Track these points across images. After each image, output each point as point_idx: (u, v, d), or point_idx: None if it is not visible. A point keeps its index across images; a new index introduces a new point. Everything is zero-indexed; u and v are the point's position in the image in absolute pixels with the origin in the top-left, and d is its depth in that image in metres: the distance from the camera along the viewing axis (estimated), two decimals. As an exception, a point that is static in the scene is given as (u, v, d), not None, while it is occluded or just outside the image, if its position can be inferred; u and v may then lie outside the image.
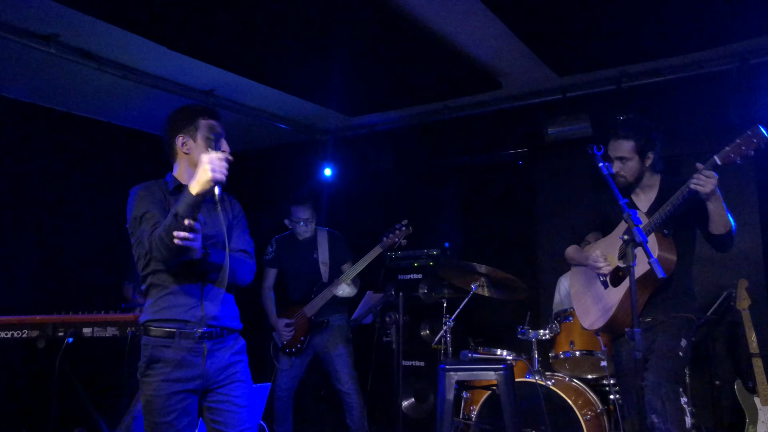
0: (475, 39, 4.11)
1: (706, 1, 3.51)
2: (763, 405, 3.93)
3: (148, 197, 2.44)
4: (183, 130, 2.51)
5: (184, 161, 2.53)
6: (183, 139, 2.50)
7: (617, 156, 3.11)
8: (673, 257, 2.96)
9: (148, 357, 2.35)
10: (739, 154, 2.71)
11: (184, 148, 2.50)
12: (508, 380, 3.51)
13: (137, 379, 2.38)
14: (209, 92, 4.85)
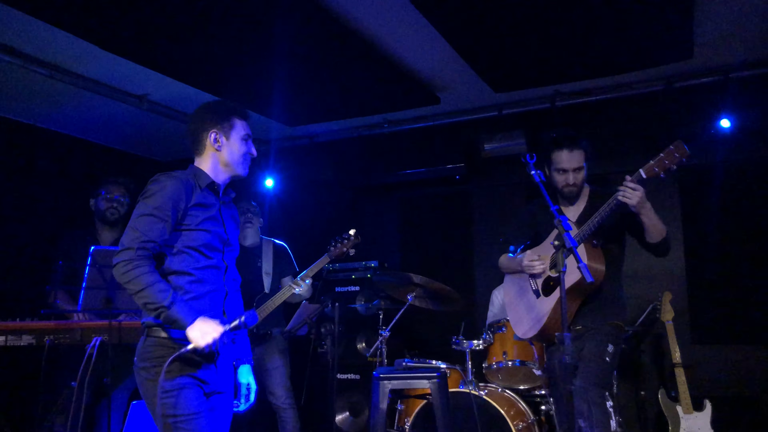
0: (415, 53, 4.16)
1: (632, 25, 3.68)
2: (684, 413, 4.07)
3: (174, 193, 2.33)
4: (216, 126, 2.48)
5: (212, 157, 2.50)
6: (216, 135, 2.48)
7: (574, 167, 3.20)
8: (601, 267, 3.04)
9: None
10: (663, 168, 2.82)
11: (215, 144, 2.47)
12: (441, 388, 3.50)
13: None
14: (142, 97, 4.71)
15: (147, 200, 2.32)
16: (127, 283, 2.21)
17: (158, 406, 2.21)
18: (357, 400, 5.07)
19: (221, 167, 2.51)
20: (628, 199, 2.85)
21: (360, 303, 4.91)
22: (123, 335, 3.23)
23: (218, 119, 2.49)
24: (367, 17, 3.66)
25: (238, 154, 2.52)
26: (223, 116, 2.49)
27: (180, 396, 2.24)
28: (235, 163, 2.52)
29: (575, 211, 3.28)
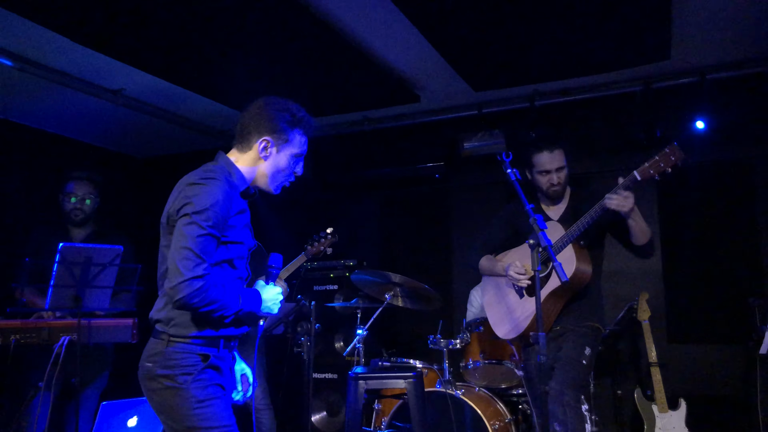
0: (395, 51, 4.13)
1: (609, 26, 3.68)
2: (660, 412, 4.09)
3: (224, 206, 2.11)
4: (273, 134, 2.24)
5: (253, 162, 2.26)
6: (266, 144, 2.24)
7: (557, 167, 3.19)
8: (589, 269, 3.05)
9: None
10: (658, 170, 2.81)
11: (262, 153, 2.24)
12: (417, 388, 3.48)
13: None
14: (118, 91, 4.63)
15: (200, 215, 2.05)
16: (204, 311, 2.04)
17: (187, 417, 2.04)
18: (334, 400, 5.04)
19: (258, 176, 2.28)
20: (622, 207, 2.84)
21: (338, 302, 4.87)
22: (92, 334, 3.17)
23: (277, 127, 2.24)
24: (347, 14, 3.63)
25: (281, 172, 2.29)
26: (284, 125, 2.25)
27: (213, 407, 2.09)
28: (272, 179, 2.30)
29: (557, 211, 3.27)
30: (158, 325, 2.16)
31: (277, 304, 2.25)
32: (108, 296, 3.32)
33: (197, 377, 2.09)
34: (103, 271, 3.18)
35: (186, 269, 1.99)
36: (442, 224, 5.59)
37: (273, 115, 2.26)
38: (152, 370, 2.09)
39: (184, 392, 2.06)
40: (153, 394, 2.10)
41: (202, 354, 2.12)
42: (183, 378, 2.07)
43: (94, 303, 3.27)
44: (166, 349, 2.10)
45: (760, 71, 4.30)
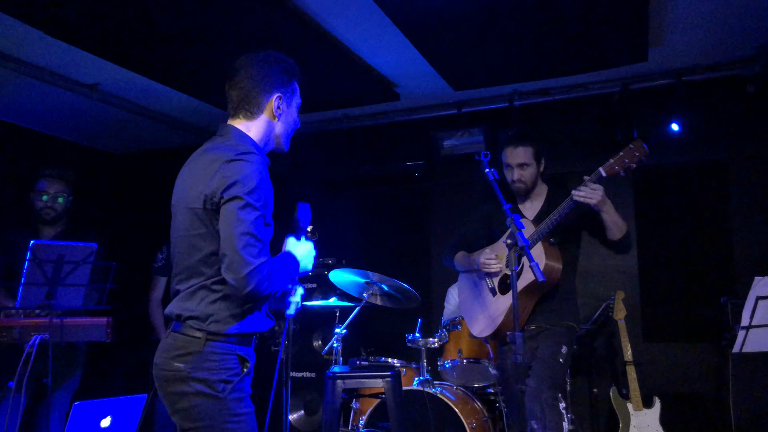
0: (376, 48, 4.12)
1: (588, 28, 3.71)
2: (635, 410, 4.13)
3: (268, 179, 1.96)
4: (283, 89, 2.11)
5: (267, 124, 2.09)
6: (279, 101, 2.09)
7: (518, 163, 3.21)
8: (559, 265, 3.05)
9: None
10: (623, 166, 2.84)
11: (277, 111, 2.09)
12: (395, 387, 3.48)
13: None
14: (93, 86, 4.56)
15: (252, 196, 1.88)
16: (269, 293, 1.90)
17: (219, 430, 1.88)
18: (312, 399, 5.01)
19: (273, 138, 2.13)
20: (589, 199, 2.86)
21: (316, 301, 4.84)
22: (65, 333, 3.11)
23: (284, 79, 2.11)
24: (326, 11, 3.61)
25: (292, 126, 2.19)
26: (288, 76, 2.13)
27: (247, 423, 1.93)
28: (285, 137, 2.18)
29: (533, 210, 3.29)
30: (191, 321, 1.94)
31: (311, 259, 2.14)
32: (81, 294, 3.27)
33: (237, 386, 1.93)
34: (76, 269, 3.12)
35: (252, 257, 1.83)
36: (421, 222, 5.59)
37: (274, 68, 2.12)
38: (184, 371, 1.89)
39: (221, 403, 1.89)
40: (181, 399, 1.90)
41: (240, 356, 1.96)
42: (222, 386, 1.90)
43: (67, 301, 3.21)
44: (203, 348, 1.90)
45: (734, 74, 4.37)
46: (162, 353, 1.97)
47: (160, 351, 1.99)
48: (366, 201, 5.80)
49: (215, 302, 1.94)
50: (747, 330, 2.85)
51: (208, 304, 1.94)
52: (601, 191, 2.86)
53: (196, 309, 1.94)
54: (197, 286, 1.96)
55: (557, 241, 3.13)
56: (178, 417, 1.94)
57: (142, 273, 4.85)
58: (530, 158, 3.24)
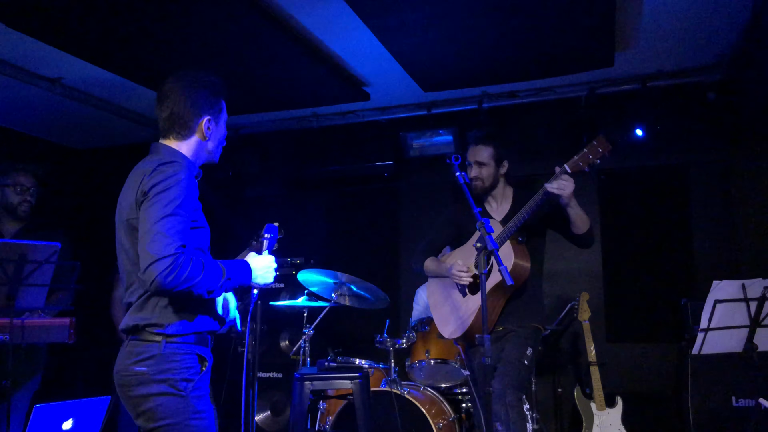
0: (346, 48, 4.11)
1: (556, 33, 3.77)
2: (598, 410, 4.21)
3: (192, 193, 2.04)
4: (211, 110, 2.20)
5: (197, 143, 2.19)
6: (208, 123, 2.19)
7: (476, 161, 3.23)
8: (527, 264, 3.09)
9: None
10: (587, 162, 2.89)
11: (207, 132, 2.19)
12: (363, 389, 3.48)
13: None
14: (56, 80, 4.45)
15: (165, 194, 1.96)
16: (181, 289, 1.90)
17: (184, 427, 1.95)
18: (278, 399, 4.99)
19: (204, 153, 2.24)
20: (562, 190, 2.88)
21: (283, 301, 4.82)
22: (26, 335, 3.04)
23: (214, 102, 2.20)
24: (297, 9, 3.59)
25: (221, 141, 2.29)
26: (216, 98, 2.22)
27: (209, 419, 2.03)
28: (215, 151, 2.29)
29: (500, 212, 3.31)
30: (149, 327, 2.01)
31: (272, 272, 2.21)
32: (43, 295, 3.19)
33: (197, 384, 2.01)
34: (39, 268, 3.05)
35: (154, 251, 1.87)
36: (390, 223, 5.60)
37: (202, 93, 2.18)
38: (147, 374, 1.96)
39: (184, 400, 1.97)
40: (144, 400, 1.97)
41: (199, 355, 2.05)
42: (184, 384, 1.99)
43: (29, 302, 3.13)
44: (163, 350, 1.98)
45: (696, 81, 4.48)
46: (122, 360, 2.04)
47: (120, 359, 2.05)
48: (335, 200, 5.79)
49: (167, 306, 2.03)
50: (705, 332, 2.93)
51: (162, 308, 2.02)
52: (572, 184, 2.90)
53: (152, 316, 2.02)
54: (147, 295, 2.03)
55: (525, 239, 3.16)
56: (142, 419, 2.00)
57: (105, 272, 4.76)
58: (488, 158, 3.26)
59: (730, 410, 3.87)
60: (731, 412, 3.86)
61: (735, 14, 3.66)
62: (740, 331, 2.96)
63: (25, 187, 3.71)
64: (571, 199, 2.95)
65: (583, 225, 3.07)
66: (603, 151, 2.86)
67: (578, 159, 2.90)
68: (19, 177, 3.72)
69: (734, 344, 2.99)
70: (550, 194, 2.91)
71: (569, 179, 2.90)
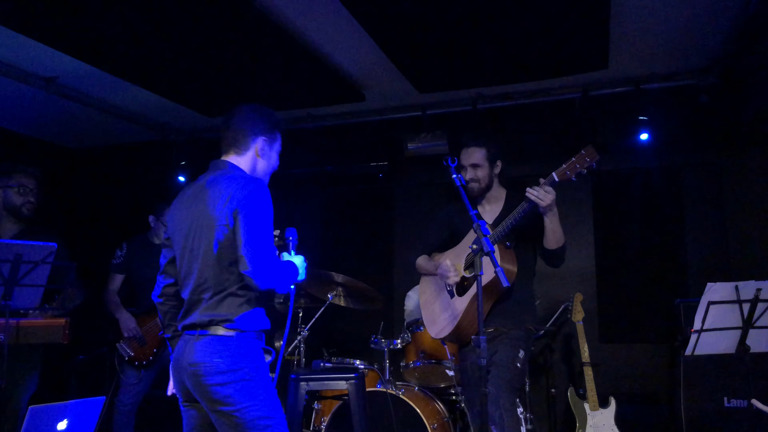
0: (342, 49, 4.12)
1: (551, 35, 3.79)
2: (591, 410, 4.24)
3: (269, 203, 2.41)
4: (266, 134, 2.53)
5: (252, 161, 2.52)
6: (263, 143, 2.52)
7: (471, 163, 3.25)
8: (514, 268, 3.10)
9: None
10: (574, 171, 2.90)
11: (261, 151, 2.52)
12: (359, 389, 3.49)
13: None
14: (51, 79, 4.44)
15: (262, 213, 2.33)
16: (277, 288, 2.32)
17: (256, 408, 2.24)
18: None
19: (256, 172, 2.54)
20: (541, 200, 2.90)
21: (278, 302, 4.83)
22: (21, 335, 3.03)
23: (269, 128, 2.54)
24: (293, 11, 3.59)
25: (270, 168, 2.61)
26: (273, 126, 2.56)
27: (275, 398, 2.32)
28: (265, 175, 2.59)
29: (492, 214, 3.33)
30: (223, 323, 2.30)
31: (304, 269, 2.55)
32: (39, 295, 3.18)
33: (264, 371, 2.32)
34: (35, 269, 3.04)
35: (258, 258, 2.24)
36: (385, 224, 5.62)
37: (264, 116, 2.54)
38: (223, 364, 2.24)
39: (254, 384, 2.26)
40: (223, 388, 2.23)
41: (264, 348, 2.39)
42: (255, 372, 2.28)
43: (24, 302, 3.12)
44: (237, 344, 2.28)
45: (689, 83, 4.51)
46: (195, 352, 2.28)
47: (191, 350, 2.30)
48: (329, 201, 5.79)
49: (240, 305, 2.33)
50: (699, 334, 2.96)
51: (236, 307, 2.32)
52: (552, 195, 2.92)
53: (227, 313, 2.31)
54: (224, 294, 2.32)
55: (513, 244, 3.18)
56: (218, 404, 2.25)
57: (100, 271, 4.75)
58: (482, 159, 3.28)
59: (722, 410, 3.91)
60: (723, 413, 3.90)
61: (728, 18, 3.70)
62: (733, 332, 3.00)
63: (28, 188, 3.71)
64: (550, 211, 2.97)
65: (555, 241, 3.06)
66: (591, 161, 2.88)
67: (566, 167, 2.92)
68: (22, 178, 3.72)
69: (727, 345, 3.02)
70: (533, 202, 2.93)
71: (549, 190, 2.91)
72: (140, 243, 4.37)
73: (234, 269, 2.30)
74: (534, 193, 2.90)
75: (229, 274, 2.32)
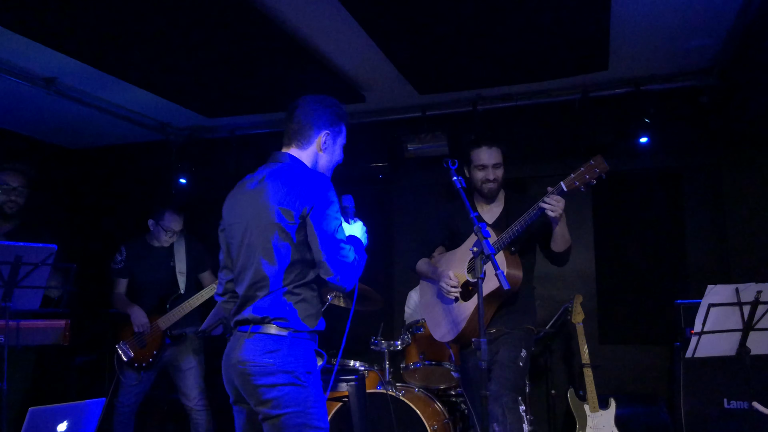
0: (342, 50, 4.11)
1: (551, 36, 3.79)
2: (591, 412, 4.23)
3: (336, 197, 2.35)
4: (330, 127, 2.43)
5: (314, 155, 2.44)
6: (326, 137, 2.43)
7: (494, 163, 3.25)
8: (519, 273, 3.11)
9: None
10: (583, 182, 2.90)
11: (323, 145, 2.42)
12: (359, 392, 3.49)
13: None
14: (51, 80, 4.43)
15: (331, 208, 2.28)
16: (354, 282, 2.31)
17: (301, 415, 2.16)
18: (273, 400, 4.98)
19: (318, 168, 2.45)
20: (553, 211, 2.91)
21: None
22: (21, 337, 3.03)
23: (334, 120, 2.44)
24: (293, 12, 3.58)
25: (333, 162, 2.52)
26: (338, 119, 2.46)
27: (323, 405, 2.24)
28: (327, 169, 2.49)
29: (492, 215, 3.33)
30: (276, 321, 2.22)
31: (365, 233, 2.52)
32: (39, 297, 3.18)
33: (316, 376, 2.23)
34: (35, 270, 3.04)
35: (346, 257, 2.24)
36: (385, 225, 5.61)
37: (327, 110, 2.44)
38: (274, 365, 2.17)
39: (306, 390, 2.18)
40: (270, 390, 2.16)
41: (316, 350, 2.29)
42: (305, 376, 2.19)
43: (24, 303, 3.12)
44: (289, 344, 2.19)
45: (690, 85, 4.51)
46: (246, 350, 2.20)
47: (242, 349, 2.22)
48: (329, 202, 5.78)
49: (297, 304, 2.26)
50: (699, 336, 2.96)
51: (290, 306, 2.24)
52: (563, 203, 2.93)
53: (282, 312, 2.23)
54: (281, 292, 2.25)
55: (517, 250, 3.19)
56: (265, 406, 2.18)
57: (99, 273, 4.75)
58: (502, 158, 3.31)
59: (722, 412, 3.91)
60: (723, 414, 3.90)
61: (728, 19, 3.69)
62: (733, 334, 3.00)
63: (11, 186, 3.69)
64: (561, 218, 2.98)
65: (563, 244, 3.12)
66: (600, 172, 2.87)
67: (575, 177, 2.91)
68: (5, 176, 3.69)
69: (727, 347, 3.02)
70: (543, 210, 2.94)
71: (560, 199, 2.92)
72: (139, 246, 4.36)
73: (294, 268, 2.25)
74: (548, 205, 2.91)
75: (289, 272, 2.25)
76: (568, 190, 2.91)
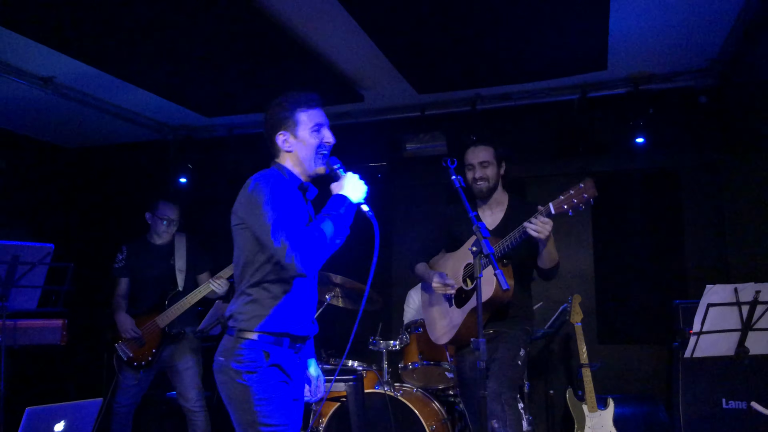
0: (341, 50, 4.11)
1: (550, 36, 3.79)
2: (589, 411, 4.23)
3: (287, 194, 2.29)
4: (282, 126, 2.40)
5: (287, 159, 2.43)
6: (283, 137, 2.40)
7: (480, 161, 3.25)
8: (511, 282, 3.11)
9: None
10: (571, 206, 2.88)
11: (285, 146, 2.40)
12: (357, 391, 3.49)
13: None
14: (49, 79, 4.42)
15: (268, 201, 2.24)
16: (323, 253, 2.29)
17: (249, 412, 2.20)
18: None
19: (298, 167, 2.44)
20: (539, 234, 2.90)
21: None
22: (18, 337, 3.02)
23: (283, 118, 2.40)
24: (292, 12, 3.58)
25: (310, 151, 2.44)
26: (287, 114, 2.41)
27: (273, 403, 2.23)
28: (307, 161, 2.44)
29: (493, 220, 3.31)
30: (230, 320, 2.30)
31: (360, 184, 2.47)
32: (36, 296, 3.17)
33: (261, 375, 2.22)
34: (32, 269, 3.03)
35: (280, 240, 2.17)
36: (383, 224, 5.58)
37: (273, 112, 2.43)
38: (224, 364, 2.24)
39: (247, 389, 2.20)
40: (222, 387, 2.25)
41: (265, 351, 2.25)
42: (248, 375, 2.21)
43: (20, 303, 3.11)
44: (236, 344, 2.24)
45: (687, 85, 4.51)
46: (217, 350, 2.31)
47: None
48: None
49: (247, 304, 2.30)
50: (698, 336, 2.95)
51: (242, 306, 2.30)
52: (550, 226, 2.92)
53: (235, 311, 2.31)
54: (239, 292, 2.35)
55: (509, 262, 3.18)
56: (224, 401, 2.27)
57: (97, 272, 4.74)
58: (491, 157, 3.28)
59: (720, 412, 3.90)
60: (721, 414, 3.89)
61: (727, 18, 3.69)
62: (732, 334, 2.99)
63: None
64: (548, 240, 2.97)
65: (549, 262, 3.12)
66: (588, 197, 2.86)
67: (563, 200, 2.90)
68: None
69: (726, 348, 3.02)
70: (528, 234, 2.92)
71: (547, 221, 2.90)
72: (140, 245, 4.35)
73: (247, 269, 2.30)
74: (533, 227, 2.89)
75: (244, 273, 2.33)
76: (556, 212, 2.90)
